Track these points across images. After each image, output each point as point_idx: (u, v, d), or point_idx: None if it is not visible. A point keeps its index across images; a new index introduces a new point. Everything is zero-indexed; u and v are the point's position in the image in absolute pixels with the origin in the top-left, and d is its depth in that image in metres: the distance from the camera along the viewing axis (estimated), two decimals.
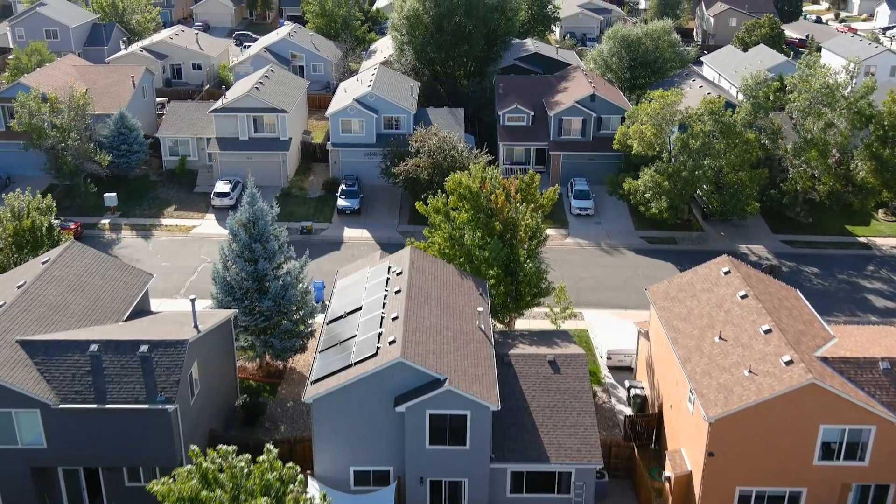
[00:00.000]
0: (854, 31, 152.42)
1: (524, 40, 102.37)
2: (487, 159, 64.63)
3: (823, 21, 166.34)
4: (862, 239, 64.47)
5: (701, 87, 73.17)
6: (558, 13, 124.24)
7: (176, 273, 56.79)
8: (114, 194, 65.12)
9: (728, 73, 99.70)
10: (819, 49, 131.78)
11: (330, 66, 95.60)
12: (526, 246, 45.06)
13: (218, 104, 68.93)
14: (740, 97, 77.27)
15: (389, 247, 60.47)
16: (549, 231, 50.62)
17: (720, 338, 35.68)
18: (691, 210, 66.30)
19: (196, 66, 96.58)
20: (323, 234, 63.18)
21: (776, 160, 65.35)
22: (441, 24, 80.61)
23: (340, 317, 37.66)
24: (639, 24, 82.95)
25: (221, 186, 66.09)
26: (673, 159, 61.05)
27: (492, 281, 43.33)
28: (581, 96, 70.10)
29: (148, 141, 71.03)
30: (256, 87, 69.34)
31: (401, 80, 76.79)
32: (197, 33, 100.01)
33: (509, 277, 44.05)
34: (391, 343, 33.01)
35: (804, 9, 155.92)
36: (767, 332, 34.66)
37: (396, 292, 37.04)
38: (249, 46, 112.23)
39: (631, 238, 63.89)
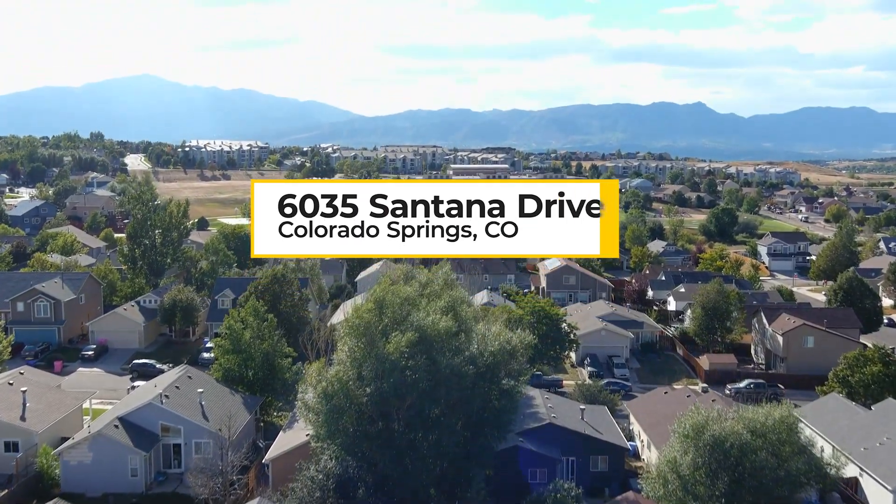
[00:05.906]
0: None
1: (531, 395, 67.45)
2: None
3: None
4: None
5: None
6: (575, 333, 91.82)
7: None
8: None
9: (848, 446, 62.86)
10: None
11: (225, 446, 59.13)
12: None
13: None
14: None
15: None
16: None
17: None
18: None
19: (11, 447, 60.79)
20: None
21: None
22: (387, 408, 46.01)
23: None
24: (738, 411, 47.04)
25: None
26: None
27: None
28: None
29: None
30: None
31: None
32: (25, 390, 64.89)
33: None
34: None
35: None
36: None
37: None
38: (139, 386, 77.75)
39: None
